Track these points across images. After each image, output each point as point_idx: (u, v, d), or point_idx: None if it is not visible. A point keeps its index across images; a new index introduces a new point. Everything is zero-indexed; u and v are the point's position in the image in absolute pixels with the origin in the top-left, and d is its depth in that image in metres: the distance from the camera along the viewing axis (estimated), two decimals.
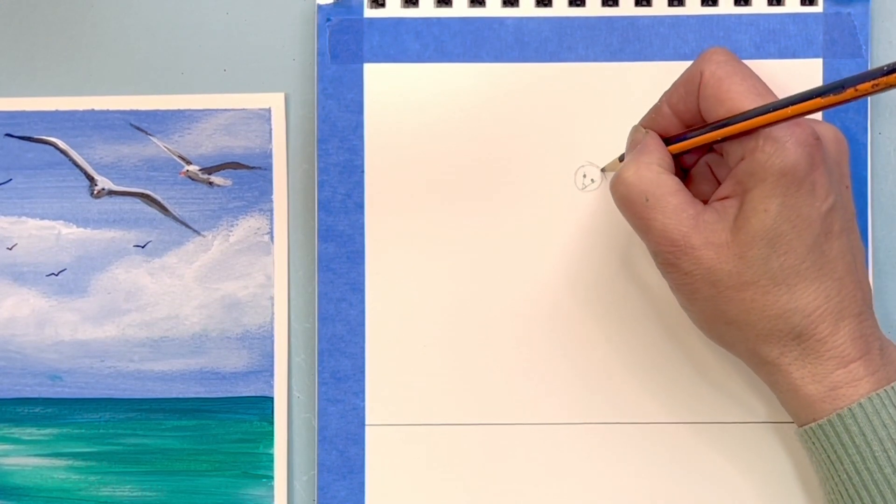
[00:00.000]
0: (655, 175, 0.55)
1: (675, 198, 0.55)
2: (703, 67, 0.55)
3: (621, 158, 0.61)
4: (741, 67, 0.55)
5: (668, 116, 0.57)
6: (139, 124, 0.64)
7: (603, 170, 0.62)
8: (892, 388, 0.54)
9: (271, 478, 0.63)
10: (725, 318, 0.55)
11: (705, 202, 0.56)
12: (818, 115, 0.59)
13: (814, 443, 0.55)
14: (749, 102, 0.54)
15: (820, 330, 0.54)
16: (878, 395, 0.54)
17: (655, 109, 0.58)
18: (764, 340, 0.55)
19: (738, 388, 0.62)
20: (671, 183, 0.55)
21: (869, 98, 0.62)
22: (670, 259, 0.55)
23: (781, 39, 0.62)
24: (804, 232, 0.54)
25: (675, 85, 0.57)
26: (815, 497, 0.61)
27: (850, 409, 0.54)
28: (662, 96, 0.58)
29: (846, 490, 0.55)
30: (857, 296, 0.55)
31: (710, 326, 0.56)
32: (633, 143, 0.58)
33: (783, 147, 0.53)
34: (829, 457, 0.55)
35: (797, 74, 0.62)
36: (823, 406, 0.54)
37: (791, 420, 0.57)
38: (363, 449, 0.62)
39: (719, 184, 0.58)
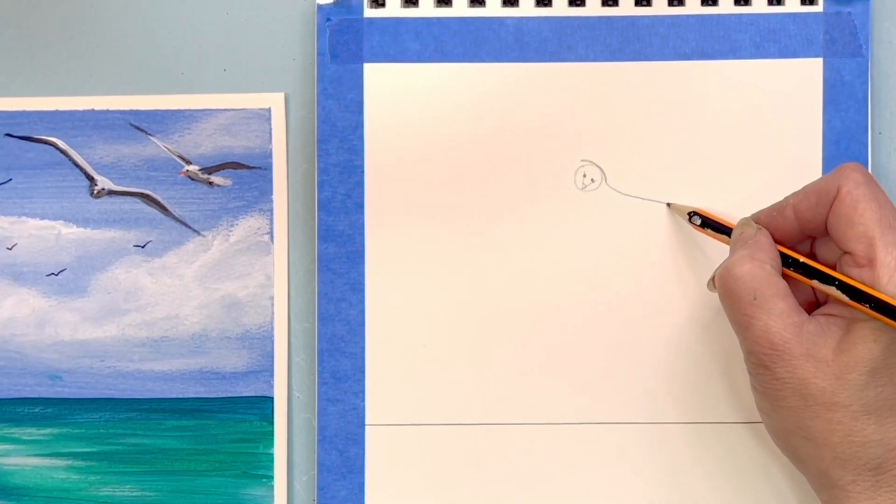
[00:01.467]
0: (767, 275, 0.55)
1: (783, 302, 0.54)
2: (841, 184, 0.55)
3: (689, 216, 0.60)
4: (878, 192, 0.55)
5: (790, 220, 0.57)
6: (139, 124, 0.64)
7: (669, 205, 0.62)
8: None
9: (271, 478, 0.63)
10: (806, 433, 0.54)
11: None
12: None
13: None
14: (878, 233, 0.53)
15: None
16: None
17: (778, 209, 0.57)
18: (840, 464, 0.54)
19: (739, 389, 0.62)
20: (781, 286, 0.55)
21: (869, 98, 0.62)
22: (765, 361, 0.54)
23: (781, 39, 0.62)
24: None
25: (805, 192, 0.56)
26: (811, 498, 0.61)
27: None
28: (789, 197, 0.57)
29: None
30: None
31: (787, 438, 0.56)
32: (744, 237, 0.57)
33: None
34: None
35: (797, 74, 0.62)
36: None
37: None
38: (363, 449, 0.62)
39: (815, 297, 0.58)
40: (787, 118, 0.62)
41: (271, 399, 0.63)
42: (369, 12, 0.62)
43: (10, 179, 0.64)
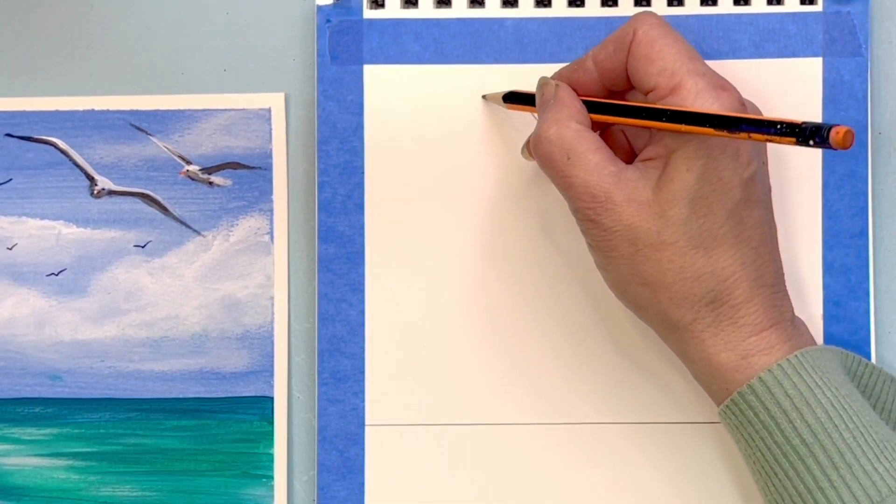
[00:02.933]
0: (575, 133, 0.55)
1: (597, 155, 0.55)
2: (636, 27, 0.55)
3: (506, 97, 0.61)
4: (672, 31, 0.55)
5: (590, 71, 0.57)
6: (139, 124, 0.64)
7: (484, 97, 0.62)
8: (797, 355, 0.54)
9: (271, 478, 0.63)
10: (641, 279, 0.55)
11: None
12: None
13: (730, 420, 0.55)
14: (679, 64, 0.54)
15: (735, 296, 0.54)
16: (787, 360, 0.54)
17: (578, 63, 0.58)
18: (677, 304, 0.55)
19: None
20: (592, 139, 0.55)
21: (869, 98, 0.62)
22: (590, 215, 0.55)
23: (781, 39, 0.62)
24: (725, 196, 0.54)
25: (604, 42, 0.57)
26: None
27: (759, 377, 0.53)
28: (590, 51, 0.57)
29: (763, 469, 0.54)
30: (771, 267, 0.55)
31: (624, 287, 0.56)
32: (546, 97, 0.57)
33: (712, 109, 0.53)
34: (744, 434, 0.55)
35: (797, 73, 0.62)
36: (736, 376, 0.54)
37: None
38: (363, 449, 0.62)
39: (630, 147, 0.59)
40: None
41: (271, 399, 0.63)
42: (369, 13, 0.62)
43: (10, 179, 0.64)
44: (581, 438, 0.62)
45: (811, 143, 0.48)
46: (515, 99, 0.61)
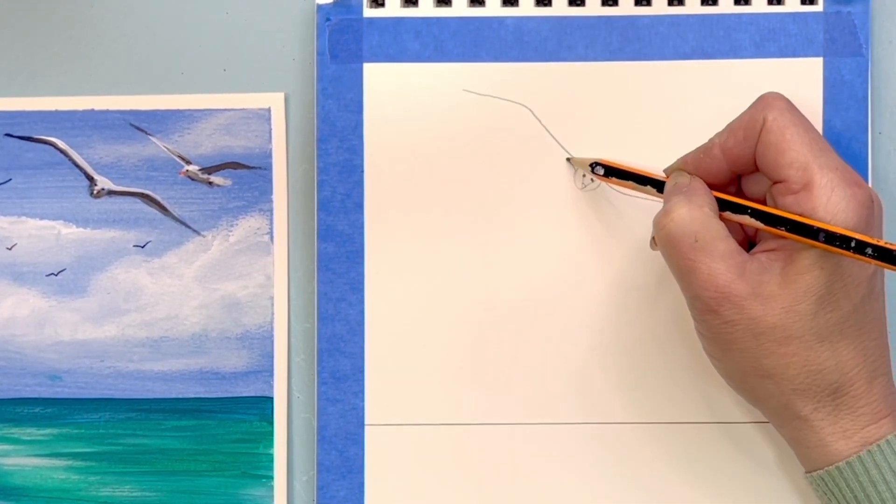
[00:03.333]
0: (707, 217, 0.54)
1: (724, 243, 0.54)
2: (766, 114, 0.55)
3: (592, 166, 0.60)
4: (801, 117, 0.55)
5: (717, 160, 0.56)
6: (139, 124, 0.64)
7: (569, 160, 0.62)
8: None
9: (271, 478, 0.63)
10: (761, 371, 0.54)
11: None
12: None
13: (824, 486, 0.55)
14: (811, 158, 0.53)
15: (856, 387, 0.54)
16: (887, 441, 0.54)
17: (705, 151, 0.57)
18: (799, 395, 0.54)
19: None
20: (720, 228, 0.54)
21: (870, 98, 0.62)
22: (712, 305, 0.54)
23: (781, 38, 0.62)
24: (853, 291, 0.54)
25: (731, 129, 0.56)
26: (811, 496, 0.61)
27: (868, 450, 0.53)
28: (714, 138, 0.57)
29: None
30: (886, 356, 0.56)
31: (741, 378, 0.56)
32: (678, 186, 0.57)
33: (846, 209, 0.53)
34: (839, 501, 0.55)
35: (797, 73, 0.62)
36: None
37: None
38: (362, 449, 0.62)
39: (745, 234, 0.58)
40: None
41: (271, 399, 0.63)
42: (369, 12, 0.62)
43: (10, 179, 0.64)
44: (581, 438, 0.62)
45: None
46: (610, 171, 0.60)
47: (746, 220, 0.55)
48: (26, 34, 0.64)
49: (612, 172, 0.60)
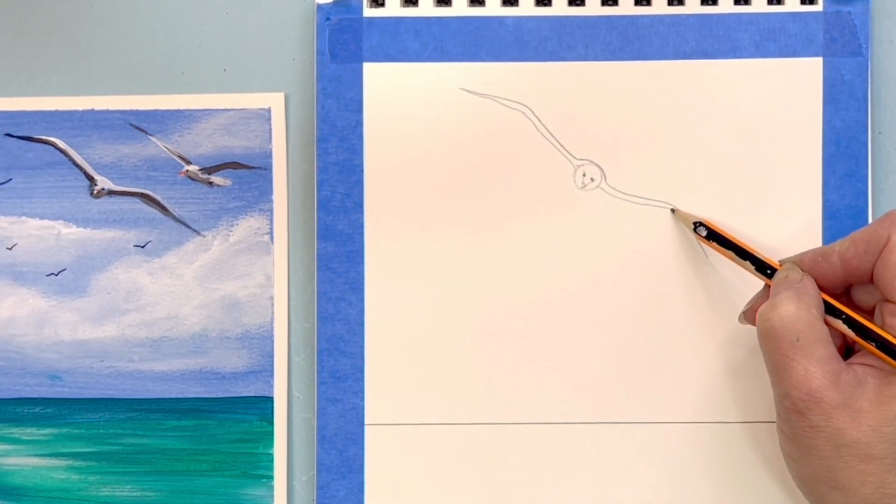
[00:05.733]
0: (812, 318, 0.54)
1: (825, 348, 0.54)
2: (891, 231, 0.54)
3: (695, 225, 0.60)
4: None
5: (835, 267, 0.56)
6: (139, 124, 0.64)
7: (673, 211, 0.62)
8: None
9: (271, 478, 0.63)
10: (835, 483, 0.54)
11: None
12: None
13: None
14: None
15: None
16: None
17: (823, 255, 0.56)
18: None
19: (741, 390, 0.62)
20: (824, 332, 0.54)
21: (869, 98, 0.62)
22: (800, 407, 0.53)
23: (781, 38, 0.62)
24: None
25: (853, 240, 0.56)
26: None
27: None
28: (835, 245, 0.56)
29: None
30: None
31: (814, 485, 0.55)
32: (790, 280, 0.56)
33: None
34: None
35: (797, 73, 0.62)
36: None
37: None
38: (362, 448, 0.62)
39: (844, 341, 0.57)
40: (787, 117, 0.62)
41: (271, 399, 0.63)
42: (369, 12, 0.62)
43: (10, 179, 0.64)
44: (582, 438, 0.62)
45: None
46: (712, 235, 0.60)
47: (839, 325, 0.55)
48: (26, 34, 0.64)
49: (715, 237, 0.60)
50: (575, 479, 0.62)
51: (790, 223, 0.62)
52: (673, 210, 0.62)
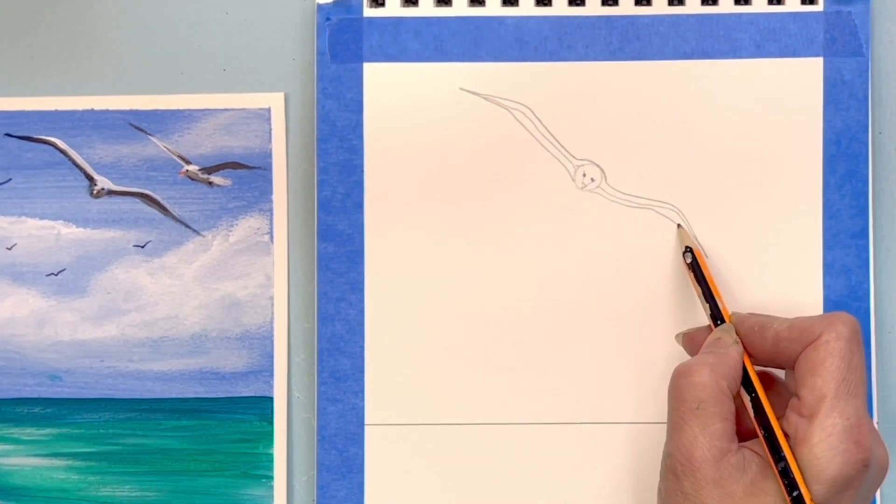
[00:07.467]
0: (719, 393, 0.54)
1: (721, 424, 0.54)
2: (824, 329, 0.54)
3: (686, 249, 0.60)
4: (857, 356, 0.54)
5: (767, 343, 0.56)
6: (139, 124, 0.64)
7: (679, 225, 0.62)
8: None
9: (271, 478, 0.63)
10: None
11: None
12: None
13: None
14: (831, 394, 0.53)
15: None
16: None
17: (762, 326, 0.56)
18: None
19: None
20: (726, 408, 0.54)
21: (870, 98, 0.62)
22: (678, 470, 0.54)
23: (782, 38, 0.62)
24: None
25: (793, 323, 0.55)
26: None
27: None
28: (776, 322, 0.56)
29: None
30: None
31: None
32: (719, 343, 0.57)
33: (830, 460, 0.52)
34: None
35: (797, 73, 0.62)
36: None
37: None
38: (362, 448, 0.62)
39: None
40: (787, 117, 0.62)
41: (271, 399, 0.63)
42: (369, 12, 0.62)
43: (10, 179, 0.64)
44: (582, 438, 0.62)
45: None
46: (694, 266, 0.60)
47: (746, 401, 0.56)
48: (26, 34, 0.64)
49: (695, 268, 0.60)
50: (575, 479, 0.62)
51: (790, 223, 0.62)
52: (679, 225, 0.62)
